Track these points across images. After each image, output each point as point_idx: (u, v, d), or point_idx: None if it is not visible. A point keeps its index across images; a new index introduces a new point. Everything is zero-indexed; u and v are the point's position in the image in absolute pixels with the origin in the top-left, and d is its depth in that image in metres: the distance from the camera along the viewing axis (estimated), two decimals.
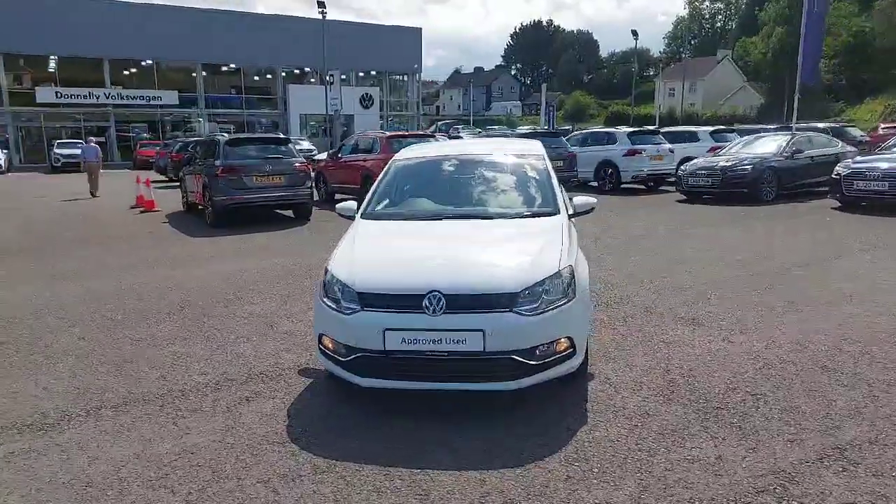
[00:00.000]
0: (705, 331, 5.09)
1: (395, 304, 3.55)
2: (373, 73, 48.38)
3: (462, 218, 4.43)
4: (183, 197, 14.33)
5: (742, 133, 19.33)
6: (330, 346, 3.76)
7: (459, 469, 3.09)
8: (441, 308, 3.47)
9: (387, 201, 4.84)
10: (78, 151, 31.50)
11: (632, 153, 16.75)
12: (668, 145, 17.37)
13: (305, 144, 30.48)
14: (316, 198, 13.72)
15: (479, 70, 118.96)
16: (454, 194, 4.86)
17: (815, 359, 4.41)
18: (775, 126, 22.14)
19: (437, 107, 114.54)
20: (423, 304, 3.48)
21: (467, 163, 5.20)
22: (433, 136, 15.04)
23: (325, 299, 3.81)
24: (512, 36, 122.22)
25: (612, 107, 71.32)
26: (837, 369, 4.21)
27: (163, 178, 23.17)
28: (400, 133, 14.79)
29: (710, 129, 20.88)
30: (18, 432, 3.60)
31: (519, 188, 4.88)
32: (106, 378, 4.39)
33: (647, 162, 16.69)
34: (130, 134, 39.48)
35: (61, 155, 31.86)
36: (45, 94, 36.02)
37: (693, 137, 19.68)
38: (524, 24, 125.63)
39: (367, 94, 45.50)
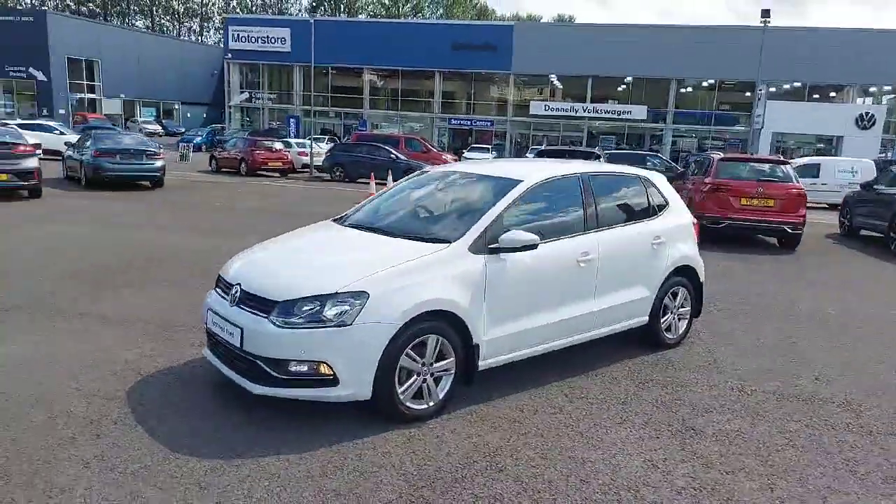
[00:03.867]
0: (661, 446, 3.65)
1: (221, 289, 4.09)
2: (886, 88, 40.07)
3: (376, 232, 4.40)
4: None
5: None
6: None
7: (167, 447, 3.50)
8: (236, 300, 3.86)
9: (365, 208, 5.06)
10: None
11: None
12: None
13: None
14: None
15: None
16: (409, 208, 4.88)
17: None
18: None
19: None
20: (230, 294, 3.94)
21: (453, 181, 5.05)
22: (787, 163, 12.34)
23: None
24: None
25: None
26: None
27: None
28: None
29: None
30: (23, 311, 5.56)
31: (455, 212, 4.54)
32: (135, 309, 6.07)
33: None
34: (597, 146, 43.20)
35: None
36: (536, 107, 42.79)
37: None
38: None
39: (866, 112, 38.03)
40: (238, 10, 79.29)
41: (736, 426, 3.95)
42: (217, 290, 4.18)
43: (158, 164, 16.69)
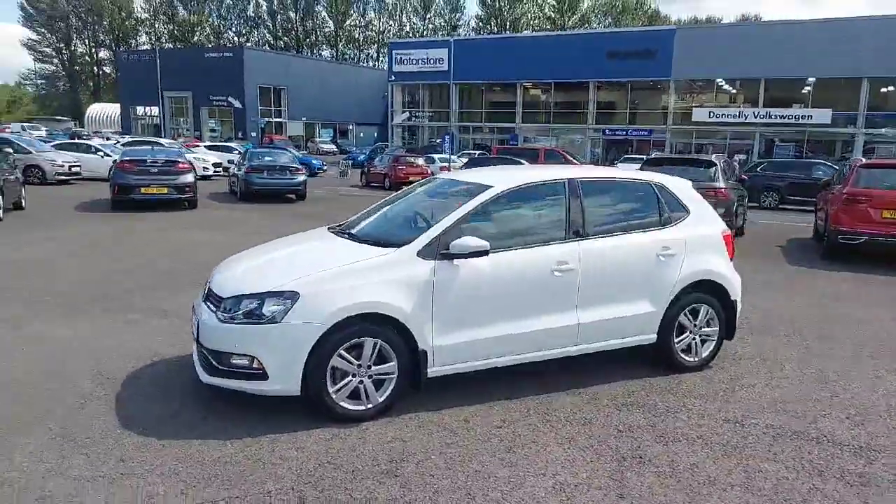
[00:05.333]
0: (587, 471, 3.34)
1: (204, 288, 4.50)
2: None
3: (350, 238, 4.52)
4: None
5: None
6: None
7: (121, 424, 3.95)
8: (204, 296, 4.24)
9: (360, 215, 5.18)
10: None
11: None
12: None
13: None
14: None
15: None
16: (390, 215, 4.99)
17: None
18: None
19: None
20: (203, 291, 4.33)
21: (441, 188, 5.07)
22: None
23: None
24: None
25: None
26: None
27: None
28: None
29: None
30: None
31: (423, 218, 4.54)
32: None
33: None
34: (776, 153, 39.16)
35: None
36: (700, 114, 39.95)
37: None
38: None
39: None
40: (410, 34, 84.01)
41: (693, 460, 3.51)
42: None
43: (300, 178, 18.33)
